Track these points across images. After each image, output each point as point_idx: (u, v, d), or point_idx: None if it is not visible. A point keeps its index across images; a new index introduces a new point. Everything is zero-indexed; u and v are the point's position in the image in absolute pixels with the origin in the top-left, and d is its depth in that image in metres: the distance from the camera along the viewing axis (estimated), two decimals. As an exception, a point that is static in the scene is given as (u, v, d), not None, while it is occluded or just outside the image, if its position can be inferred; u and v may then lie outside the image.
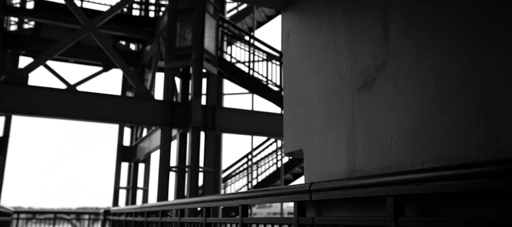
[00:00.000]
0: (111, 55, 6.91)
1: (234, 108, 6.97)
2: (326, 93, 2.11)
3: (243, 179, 13.00)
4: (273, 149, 12.64)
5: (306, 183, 1.96)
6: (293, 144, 2.38)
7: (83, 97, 6.37)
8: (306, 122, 2.27)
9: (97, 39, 7.02)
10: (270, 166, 12.81)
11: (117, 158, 10.98)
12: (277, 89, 9.69)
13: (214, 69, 6.79)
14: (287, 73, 2.53)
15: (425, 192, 1.29)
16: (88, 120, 6.50)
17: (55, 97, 6.24)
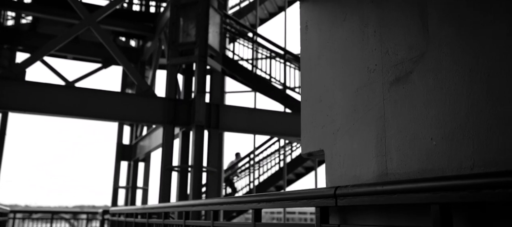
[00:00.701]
0: (112, 50, 6.74)
1: (238, 106, 6.81)
2: (351, 89, 1.95)
3: (245, 178, 12.86)
4: (275, 148, 12.50)
5: (330, 186, 1.81)
6: (312, 144, 2.22)
7: (82, 93, 6.20)
8: (327, 120, 2.11)
9: (97, 34, 6.85)
10: (272, 166, 12.67)
11: (116, 156, 10.83)
12: (281, 87, 9.53)
13: (218, 66, 6.63)
14: (305, 68, 2.37)
15: (481, 200, 1.13)
16: (87, 117, 6.34)
17: (53, 93, 6.08)
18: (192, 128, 6.15)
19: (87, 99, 6.08)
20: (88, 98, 6.09)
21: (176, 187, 6.30)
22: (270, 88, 9.51)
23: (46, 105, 6.08)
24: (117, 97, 6.24)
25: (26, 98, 5.98)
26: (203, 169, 5.91)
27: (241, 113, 6.64)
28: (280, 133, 7.06)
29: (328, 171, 2.07)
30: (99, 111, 6.21)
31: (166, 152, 6.10)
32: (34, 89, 6.09)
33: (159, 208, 4.45)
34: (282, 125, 6.96)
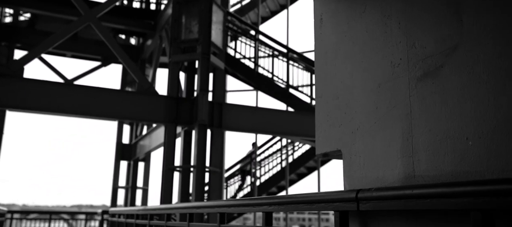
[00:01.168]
0: (112, 47, 6.62)
1: (242, 105, 6.69)
2: (372, 85, 1.83)
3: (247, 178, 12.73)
4: (277, 148, 12.38)
5: (351, 189, 1.69)
6: (328, 144, 2.10)
7: (81, 91, 6.08)
8: (345, 118, 2.00)
9: (98, 30, 6.73)
10: (274, 166, 12.56)
11: (116, 156, 10.71)
12: (284, 86, 9.42)
13: (221, 64, 6.51)
14: (320, 64, 2.26)
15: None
16: (87, 116, 6.22)
17: (51, 91, 5.95)
18: (195, 127, 6.03)
19: (87, 97, 5.96)
20: (87, 96, 5.96)
21: (178, 188, 6.18)
22: (273, 87, 9.39)
23: (44, 103, 5.96)
24: (118, 95, 6.11)
25: (23, 96, 5.85)
26: (205, 169, 5.79)
27: (244, 112, 6.52)
28: (284, 133, 6.95)
29: (346, 172, 1.96)
30: (99, 110, 6.08)
31: (167, 151, 5.98)
32: (32, 87, 5.97)
33: (162, 210, 4.33)
34: (285, 125, 6.84)
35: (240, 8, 13.75)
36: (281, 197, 2.12)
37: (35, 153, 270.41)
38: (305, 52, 10.85)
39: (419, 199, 1.34)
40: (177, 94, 6.22)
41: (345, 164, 1.97)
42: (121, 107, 6.00)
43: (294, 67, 9.54)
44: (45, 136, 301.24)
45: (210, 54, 6.09)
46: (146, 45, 10.82)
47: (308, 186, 18.60)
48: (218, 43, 6.49)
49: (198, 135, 5.87)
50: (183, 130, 6.35)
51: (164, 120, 6.06)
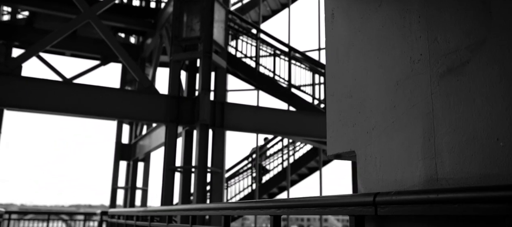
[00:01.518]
0: (112, 44, 6.52)
1: (244, 104, 6.60)
2: (390, 82, 1.74)
3: (246, 179, 12.66)
4: (278, 148, 12.29)
5: (368, 193, 1.61)
6: (340, 144, 2.01)
7: (80, 90, 5.98)
8: (359, 118, 1.91)
9: (97, 27, 6.63)
10: (275, 167, 12.47)
11: (115, 156, 10.61)
12: (286, 85, 9.33)
13: (223, 62, 6.41)
14: (331, 61, 2.17)
15: None
16: (86, 115, 6.13)
17: (49, 89, 5.85)
18: (196, 127, 5.94)
19: (86, 96, 5.86)
20: (87, 95, 5.86)
21: (179, 189, 6.09)
22: (275, 86, 9.30)
23: (42, 102, 5.87)
24: (118, 94, 6.02)
25: (21, 95, 5.75)
26: (207, 170, 5.70)
27: (247, 112, 6.42)
28: (286, 133, 6.86)
29: (361, 175, 1.87)
30: (98, 109, 5.99)
31: (169, 152, 5.88)
32: (30, 85, 5.87)
33: (163, 211, 4.24)
34: (288, 124, 6.75)
35: (240, 6, 13.66)
36: (291, 200, 2.03)
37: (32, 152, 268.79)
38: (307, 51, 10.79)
39: (446, 204, 1.26)
40: (178, 93, 6.12)
41: (359, 166, 1.88)
42: (121, 106, 5.90)
43: (296, 67, 9.45)
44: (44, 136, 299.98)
45: (212, 52, 6.00)
46: (146, 44, 10.72)
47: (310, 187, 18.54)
48: (220, 42, 6.39)
49: (200, 135, 5.78)
50: (184, 130, 6.26)
51: (165, 119, 5.96)
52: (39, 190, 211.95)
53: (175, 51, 6.15)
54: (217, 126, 6.06)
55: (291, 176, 11.87)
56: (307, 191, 39.37)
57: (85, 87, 6.00)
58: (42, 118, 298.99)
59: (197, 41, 6.08)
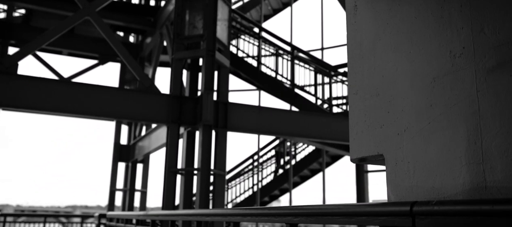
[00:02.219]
0: (111, 42, 6.36)
1: (248, 105, 6.44)
2: (425, 78, 1.59)
3: (247, 181, 12.51)
4: (280, 150, 12.14)
5: (403, 201, 1.45)
6: (366, 147, 1.86)
7: (78, 89, 5.81)
8: (389, 118, 1.75)
9: (96, 24, 6.47)
10: (276, 169, 12.31)
11: (114, 157, 10.44)
12: (289, 85, 9.18)
13: (227, 61, 6.26)
14: (354, 57, 2.01)
15: None
16: (84, 115, 5.96)
17: (46, 88, 5.68)
18: (199, 128, 5.78)
19: (84, 95, 5.69)
20: (85, 94, 5.69)
21: (180, 192, 5.93)
22: (277, 86, 9.15)
23: (39, 101, 5.69)
24: (117, 93, 5.85)
25: (17, 94, 5.58)
26: (210, 172, 5.54)
27: (250, 112, 6.27)
28: (291, 134, 6.70)
29: (391, 181, 1.71)
30: (97, 109, 5.82)
31: (170, 153, 5.71)
32: (26, 84, 5.69)
33: (166, 216, 4.07)
34: (293, 125, 6.60)
35: (241, 5, 13.52)
36: (311, 207, 1.88)
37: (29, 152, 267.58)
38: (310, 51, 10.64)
39: (502, 217, 1.10)
40: (180, 93, 5.96)
41: (389, 171, 1.73)
42: (121, 106, 5.74)
43: (299, 67, 9.31)
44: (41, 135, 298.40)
45: (215, 50, 5.84)
46: (145, 43, 10.56)
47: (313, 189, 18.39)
48: (223, 40, 6.24)
49: (203, 136, 5.62)
50: (186, 131, 6.10)
51: (166, 120, 5.80)
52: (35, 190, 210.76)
53: (177, 49, 5.99)
54: (220, 127, 5.90)
55: (293, 178, 11.72)
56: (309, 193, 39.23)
57: (83, 86, 5.83)
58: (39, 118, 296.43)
59: (199, 39, 5.93)
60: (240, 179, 12.53)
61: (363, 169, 9.91)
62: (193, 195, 6.17)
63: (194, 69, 6.31)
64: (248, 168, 12.51)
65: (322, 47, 11.80)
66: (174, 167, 5.66)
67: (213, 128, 5.75)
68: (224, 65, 6.15)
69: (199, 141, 5.68)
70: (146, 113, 5.81)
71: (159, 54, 9.60)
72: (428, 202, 1.35)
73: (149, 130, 8.87)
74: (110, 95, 5.75)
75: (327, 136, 6.86)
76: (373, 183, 10.21)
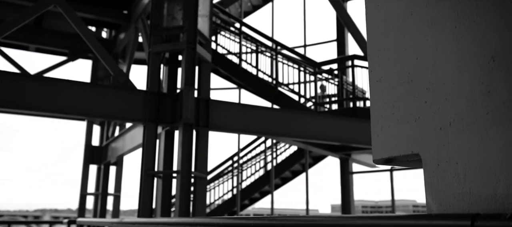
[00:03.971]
0: (82, 33, 5.89)
1: (231, 102, 6.08)
2: (479, 58, 1.28)
3: (227, 182, 12.16)
4: (261, 150, 11.83)
5: (462, 213, 1.15)
6: (395, 145, 1.55)
7: (44, 84, 5.31)
8: (427, 109, 1.44)
9: (64, 12, 5.98)
10: (257, 171, 12.01)
11: (84, 159, 9.90)
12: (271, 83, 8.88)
13: (209, 55, 5.89)
14: (376, 37, 1.70)
15: None
16: (51, 113, 5.49)
17: (6, 82, 5.14)
18: (179, 126, 5.39)
19: (51, 92, 5.20)
20: (52, 90, 5.21)
21: (157, 196, 5.53)
22: (259, 84, 8.84)
23: (2, 98, 5.17)
24: (89, 89, 5.39)
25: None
26: (191, 175, 5.16)
27: (233, 110, 5.91)
28: (278, 134, 6.38)
29: (431, 187, 1.40)
30: (66, 107, 5.34)
31: (147, 155, 5.31)
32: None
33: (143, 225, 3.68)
34: (279, 124, 6.28)
35: (220, 1, 13.14)
36: (340, 218, 1.55)
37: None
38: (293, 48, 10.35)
39: None
40: (158, 89, 5.55)
41: (428, 174, 1.41)
42: (93, 104, 5.28)
43: (283, 64, 9.02)
44: (7, 135, 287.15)
45: (196, 44, 5.47)
46: (119, 38, 10.06)
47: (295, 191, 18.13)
48: (205, 32, 5.87)
49: (183, 136, 5.23)
50: (164, 130, 5.70)
51: (143, 118, 5.38)
52: (2, 194, 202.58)
53: (154, 42, 5.59)
54: (201, 126, 5.53)
55: (274, 179, 11.41)
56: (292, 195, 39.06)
57: (50, 81, 5.33)
58: (4, 117, 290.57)
59: (179, 31, 5.54)
60: (219, 181, 12.16)
61: (348, 170, 9.69)
62: (172, 200, 5.78)
63: (173, 63, 5.92)
64: (227, 170, 12.14)
65: (305, 44, 11.55)
66: (151, 170, 5.26)
67: (194, 127, 5.37)
68: (206, 59, 5.79)
69: (179, 141, 5.30)
70: (121, 111, 5.37)
71: (134, 50, 9.14)
72: (498, 215, 1.04)
73: (123, 130, 8.40)
74: (81, 91, 5.29)
75: (314, 135, 6.58)
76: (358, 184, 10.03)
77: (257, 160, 11.91)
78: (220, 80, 11.16)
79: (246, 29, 9.35)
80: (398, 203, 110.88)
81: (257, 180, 11.76)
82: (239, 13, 13.06)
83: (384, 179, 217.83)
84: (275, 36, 9.30)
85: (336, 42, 10.78)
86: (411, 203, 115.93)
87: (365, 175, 10.14)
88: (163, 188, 5.44)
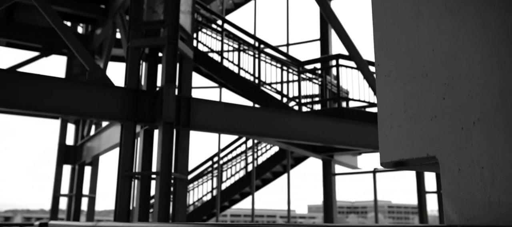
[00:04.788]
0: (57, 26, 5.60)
1: (213, 101, 5.88)
2: (510, 49, 1.13)
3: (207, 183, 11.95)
4: (242, 150, 11.66)
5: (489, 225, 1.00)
6: (407, 146, 1.39)
7: (14, 79, 5.00)
8: (445, 107, 1.29)
9: (38, 5, 5.68)
10: (237, 172, 11.82)
11: (58, 159, 9.53)
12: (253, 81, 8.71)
13: (191, 52, 5.67)
14: (385, 26, 1.55)
15: None
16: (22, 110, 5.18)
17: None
18: (159, 126, 5.16)
19: (22, 87, 4.90)
20: (23, 86, 4.91)
21: (135, 198, 5.29)
22: (241, 83, 8.66)
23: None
24: (64, 85, 5.10)
25: None
26: (172, 177, 4.94)
27: (216, 109, 5.71)
28: (262, 134, 6.21)
29: (451, 194, 1.25)
30: (38, 104, 5.05)
31: (125, 155, 5.06)
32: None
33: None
34: (263, 124, 6.11)
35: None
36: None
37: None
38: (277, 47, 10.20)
39: None
40: (137, 86, 5.31)
41: (448, 179, 1.26)
42: (68, 101, 5.00)
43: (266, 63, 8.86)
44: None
45: (177, 39, 5.25)
46: (96, 34, 9.73)
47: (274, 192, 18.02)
48: (187, 28, 5.65)
49: (164, 135, 5.01)
50: (143, 130, 5.46)
51: (121, 117, 5.13)
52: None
53: (133, 36, 5.34)
54: (182, 125, 5.31)
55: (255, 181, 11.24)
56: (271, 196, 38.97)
57: (21, 75, 5.03)
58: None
59: (160, 25, 5.32)
60: (198, 182, 11.92)
61: (330, 172, 9.60)
62: (150, 202, 5.55)
63: (153, 60, 5.69)
64: (207, 171, 11.92)
65: (288, 43, 11.43)
66: (129, 171, 5.02)
67: (174, 126, 5.16)
68: (188, 56, 5.57)
69: (159, 141, 5.07)
70: (97, 109, 5.11)
71: (112, 47, 8.83)
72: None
73: (100, 129, 8.10)
74: (55, 87, 5.00)
75: (298, 136, 6.43)
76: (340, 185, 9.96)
77: (238, 160, 11.73)
78: (201, 79, 10.94)
79: (228, 26, 9.17)
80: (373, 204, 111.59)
81: (237, 181, 11.57)
82: (220, 11, 12.86)
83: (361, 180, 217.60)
84: (257, 35, 9.13)
85: (319, 41, 10.69)
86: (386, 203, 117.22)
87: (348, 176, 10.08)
88: (141, 190, 5.21)
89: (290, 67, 8.69)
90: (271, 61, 8.83)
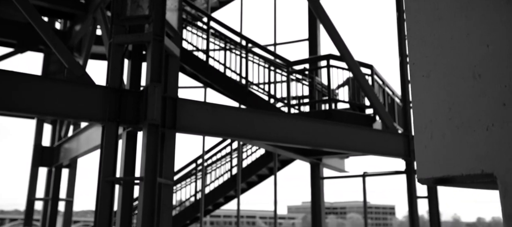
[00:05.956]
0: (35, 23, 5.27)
1: (200, 101, 5.62)
2: None
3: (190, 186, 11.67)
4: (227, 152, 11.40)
5: None
6: (452, 161, 1.19)
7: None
8: (506, 114, 1.09)
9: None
10: (221, 175, 11.56)
11: (33, 161, 9.12)
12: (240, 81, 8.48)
13: (177, 49, 5.40)
14: (424, 20, 1.34)
15: None
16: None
17: None
18: (143, 127, 4.89)
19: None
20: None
21: (118, 205, 4.99)
22: (228, 83, 8.42)
23: None
24: (40, 83, 4.77)
25: None
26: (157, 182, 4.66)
27: (203, 110, 5.45)
28: (251, 137, 5.98)
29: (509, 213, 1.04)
30: (12, 103, 4.72)
31: (106, 159, 4.76)
32: None
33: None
34: (252, 127, 5.88)
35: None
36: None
37: None
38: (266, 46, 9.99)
39: None
40: (120, 86, 5.01)
41: (509, 200, 1.06)
42: (44, 100, 4.68)
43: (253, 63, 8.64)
44: None
45: (164, 35, 4.98)
46: (75, 30, 9.35)
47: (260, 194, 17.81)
48: (173, 24, 5.38)
49: (148, 138, 4.73)
50: (126, 132, 5.17)
51: (102, 117, 4.82)
52: None
53: (116, 32, 5.05)
54: (168, 127, 5.05)
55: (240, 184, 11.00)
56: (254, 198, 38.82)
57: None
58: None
59: (145, 21, 5.04)
60: (181, 185, 11.63)
61: (318, 175, 9.43)
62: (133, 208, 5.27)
63: (137, 57, 5.40)
64: (191, 173, 11.63)
65: (275, 42, 11.23)
66: (111, 176, 4.72)
67: (159, 128, 4.88)
68: (174, 54, 5.30)
69: (143, 144, 4.79)
70: (76, 109, 4.79)
71: (92, 43, 8.48)
72: None
73: (78, 130, 7.75)
74: (30, 85, 4.68)
75: (288, 139, 6.23)
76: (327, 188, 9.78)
77: (222, 163, 11.47)
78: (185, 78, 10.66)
79: (214, 24, 8.92)
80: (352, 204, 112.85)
81: (221, 185, 11.32)
82: (205, 9, 12.58)
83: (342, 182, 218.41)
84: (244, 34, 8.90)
85: (307, 41, 10.52)
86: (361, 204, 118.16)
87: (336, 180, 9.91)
88: (123, 196, 4.92)
89: (278, 67, 8.49)
90: (259, 60, 8.61)
